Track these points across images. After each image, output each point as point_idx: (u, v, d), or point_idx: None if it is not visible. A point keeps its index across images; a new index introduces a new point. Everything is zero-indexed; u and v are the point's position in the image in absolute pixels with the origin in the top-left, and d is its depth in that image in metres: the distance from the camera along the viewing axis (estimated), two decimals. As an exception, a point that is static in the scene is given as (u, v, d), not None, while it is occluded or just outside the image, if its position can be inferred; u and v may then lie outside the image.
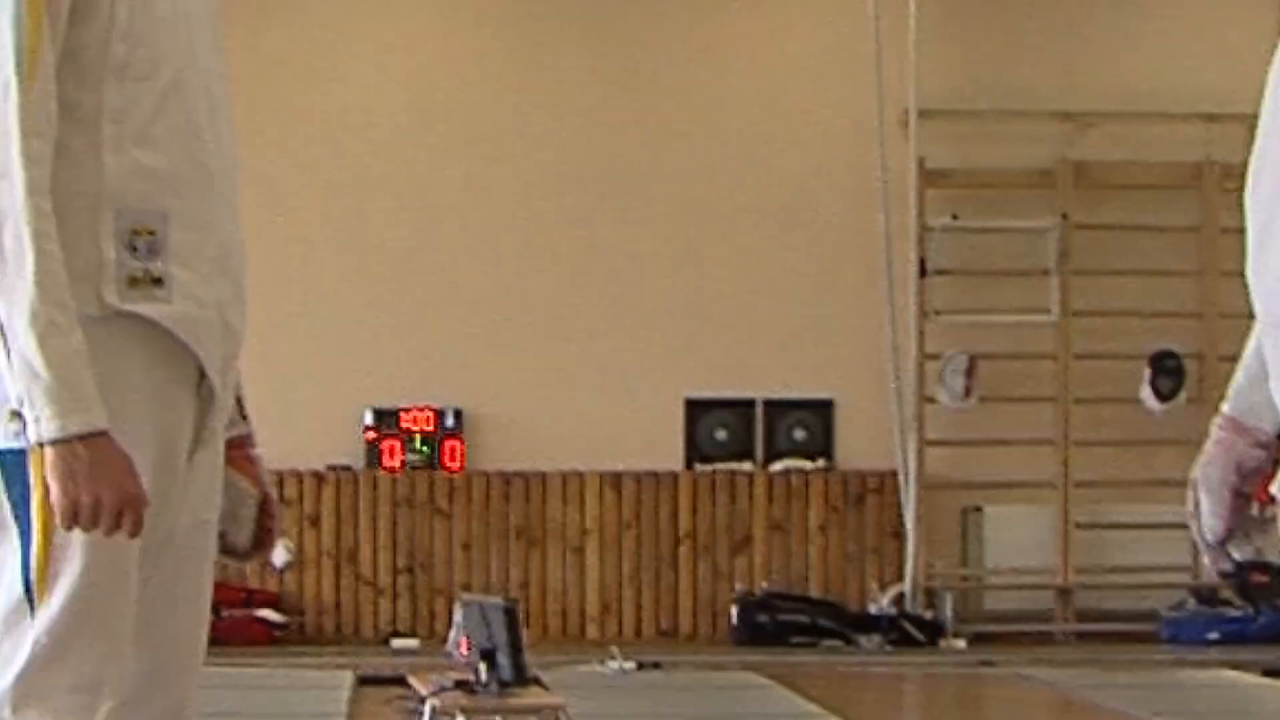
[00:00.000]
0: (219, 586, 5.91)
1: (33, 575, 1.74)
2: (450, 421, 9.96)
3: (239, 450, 1.98)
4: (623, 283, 9.91)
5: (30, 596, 1.74)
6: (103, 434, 1.67)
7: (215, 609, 4.39)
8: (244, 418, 2.03)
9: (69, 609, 1.73)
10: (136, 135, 1.80)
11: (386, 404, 9.87)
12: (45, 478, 1.67)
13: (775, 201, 9.77)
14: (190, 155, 1.85)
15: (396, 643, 9.52)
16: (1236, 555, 1.68)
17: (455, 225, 10.04)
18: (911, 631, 9.02)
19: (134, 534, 1.69)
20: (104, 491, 1.65)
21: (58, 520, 1.68)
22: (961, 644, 9.43)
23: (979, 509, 9.83)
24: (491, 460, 9.94)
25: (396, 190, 10.14)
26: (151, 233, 1.80)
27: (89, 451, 1.66)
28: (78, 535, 1.70)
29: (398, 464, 9.90)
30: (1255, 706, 8.46)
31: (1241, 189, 1.36)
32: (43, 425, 1.64)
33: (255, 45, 9.34)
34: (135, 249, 1.78)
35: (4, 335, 1.69)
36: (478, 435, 9.98)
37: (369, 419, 9.73)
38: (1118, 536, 9.97)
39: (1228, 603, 9.74)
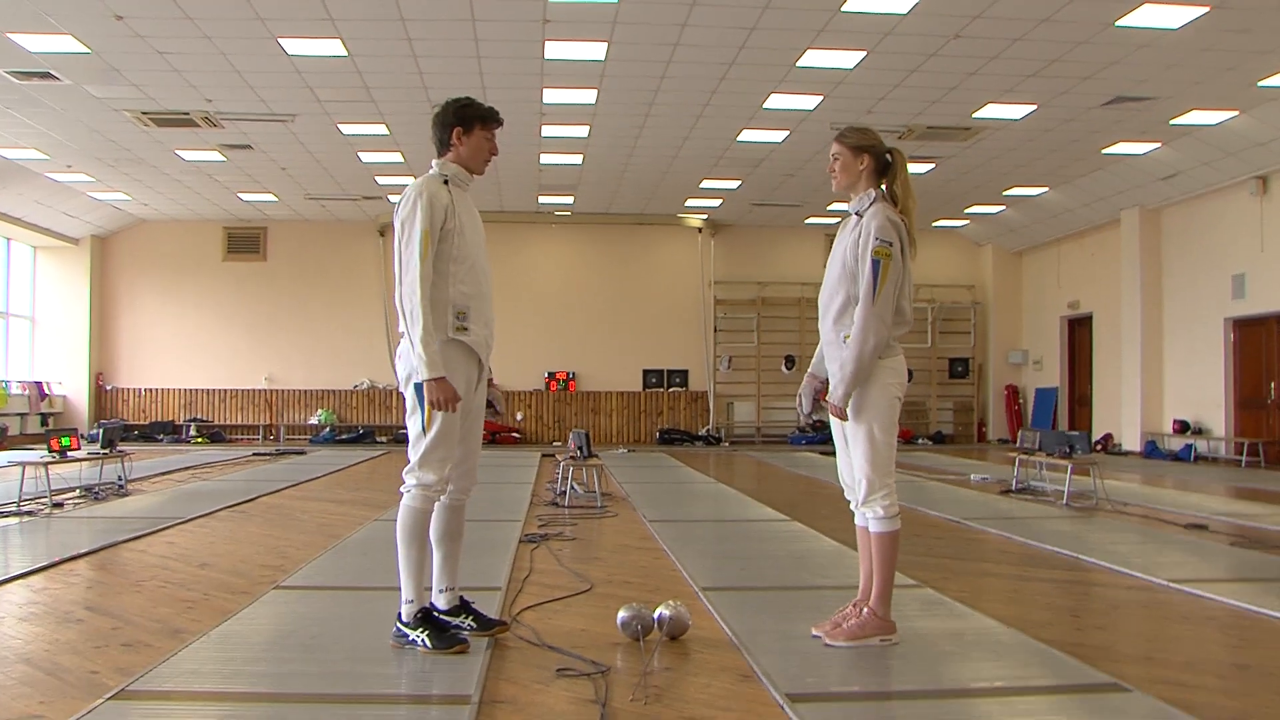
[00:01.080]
0: (498, 428, 23.79)
1: (425, 423, 5.00)
2: (569, 374, 26.99)
3: (491, 379, 5.42)
4: (619, 342, 26.21)
5: (424, 430, 5.00)
6: (443, 378, 4.88)
7: (492, 435, 21.99)
8: (490, 371, 5.30)
9: (437, 435, 5.00)
10: (460, 281, 5.07)
11: (555, 368, 26.95)
12: (426, 394, 4.89)
13: (667, 303, 26.74)
14: (478, 287, 5.13)
15: (556, 444, 24.96)
16: (815, 418, 5.92)
17: (559, 310, 26.05)
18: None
19: (454, 411, 4.94)
20: (442, 395, 4.88)
21: (429, 405, 4.91)
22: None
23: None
24: (581, 388, 27.06)
25: (547, 297, 26.21)
26: (464, 313, 5.06)
27: (439, 384, 4.87)
28: (438, 414, 4.94)
29: (550, 388, 27.00)
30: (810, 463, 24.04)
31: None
32: (423, 374, 4.86)
33: (500, 252, 25.66)
34: (458, 318, 5.06)
35: (413, 344, 4.83)
36: (579, 382, 27.27)
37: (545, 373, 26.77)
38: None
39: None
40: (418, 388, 4.91)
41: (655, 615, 5.17)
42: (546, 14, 12.39)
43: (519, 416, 25.82)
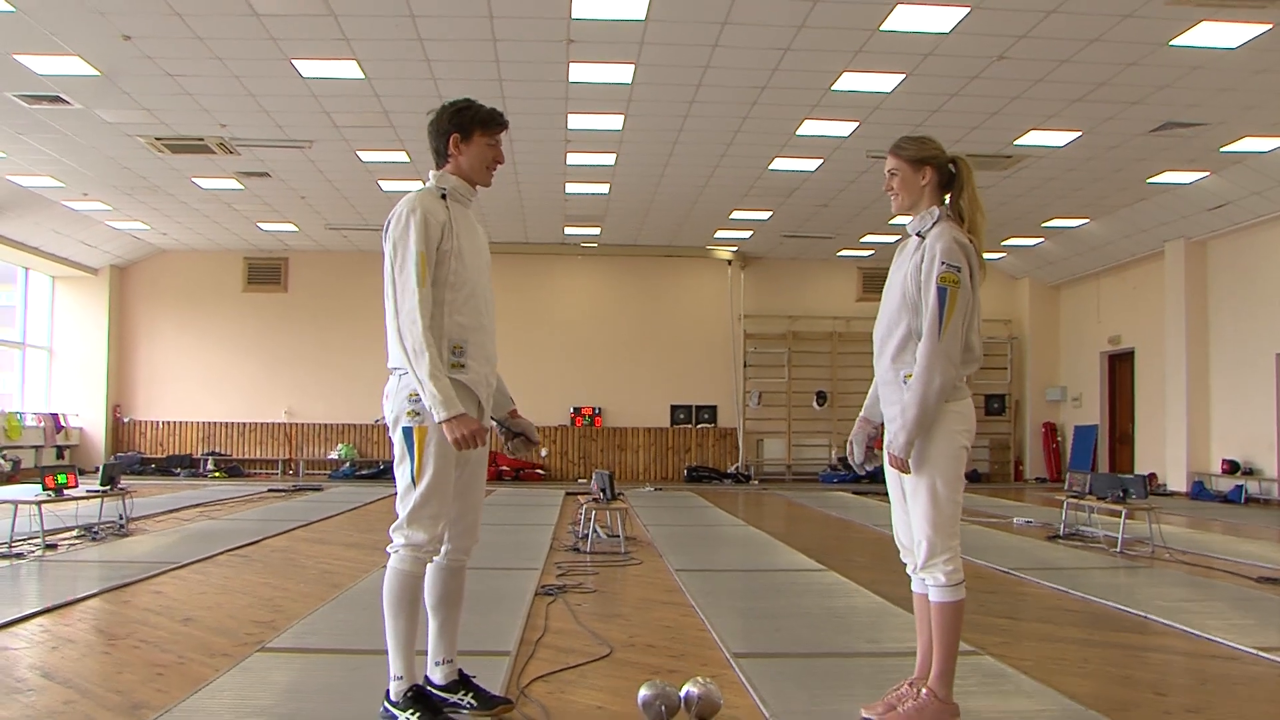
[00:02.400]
0: (522, 464, 23.21)
1: (415, 474, 4.28)
2: (595, 409, 26.38)
3: (515, 413, 4.83)
4: (646, 377, 25.42)
5: (414, 482, 4.28)
6: (464, 414, 4.18)
7: (516, 472, 21.44)
8: (512, 401, 4.78)
9: (429, 488, 4.27)
10: (457, 311, 4.35)
11: (581, 403, 26.14)
12: (428, 436, 4.26)
13: (695, 337, 25.89)
14: (478, 319, 4.42)
15: (580, 481, 24.70)
16: (869, 468, 4.79)
17: (584, 345, 25.31)
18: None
19: (481, 445, 4.28)
20: (465, 431, 4.18)
21: (451, 443, 4.18)
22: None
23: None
24: (608, 424, 26.32)
25: (572, 331, 25.51)
26: (461, 347, 4.35)
27: (459, 420, 4.15)
28: (429, 459, 4.22)
29: (576, 424, 26.19)
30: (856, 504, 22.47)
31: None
32: (440, 414, 4.14)
33: (525, 284, 25.40)
34: (455, 353, 4.34)
35: (420, 383, 4.16)
36: (606, 417, 26.50)
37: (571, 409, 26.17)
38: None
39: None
40: (406, 432, 4.32)
41: (682, 694, 4.52)
42: (570, 34, 11.83)
43: (543, 453, 25.20)
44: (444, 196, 4.51)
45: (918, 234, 4.52)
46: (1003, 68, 12.71)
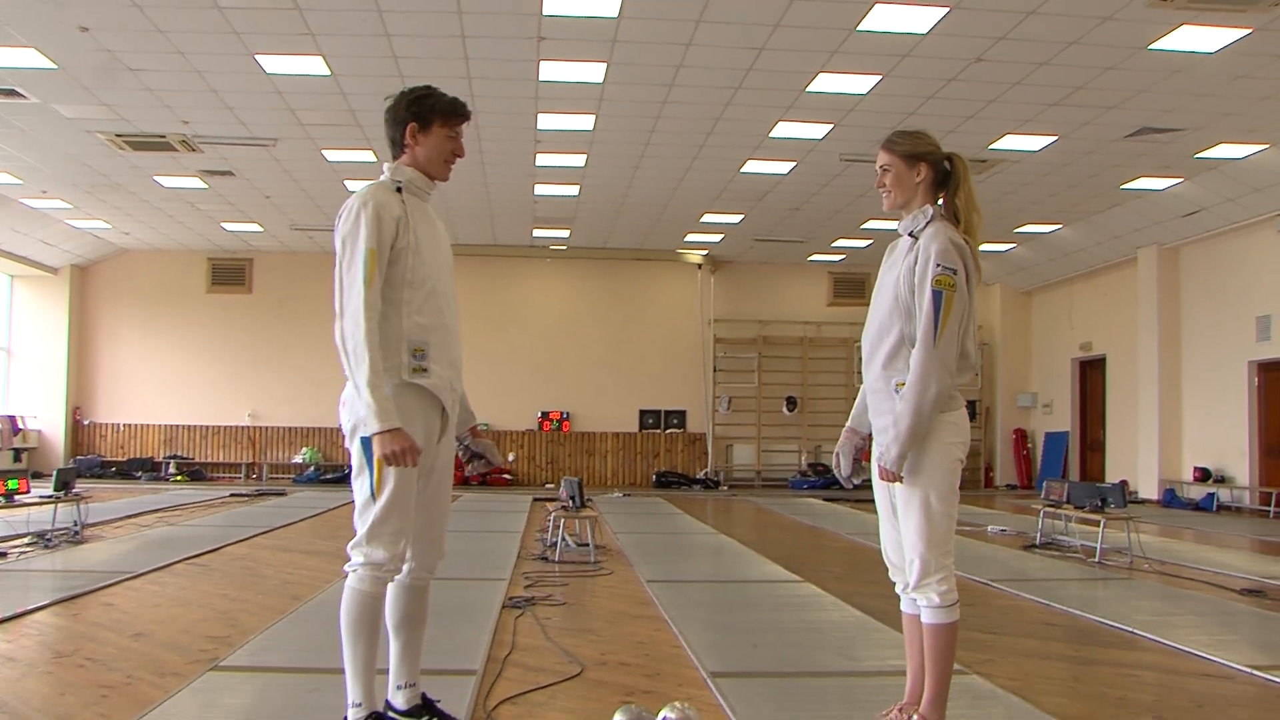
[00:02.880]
0: (492, 469, 22.91)
1: (374, 488, 3.92)
2: (563, 414, 25.86)
3: (476, 428, 4.52)
4: (615, 381, 25.08)
5: (373, 496, 3.92)
6: (398, 429, 3.83)
7: (483, 478, 21.06)
8: (474, 417, 4.52)
9: (389, 502, 3.92)
10: (416, 311, 4.05)
11: (549, 407, 25.96)
12: (377, 448, 3.81)
13: (664, 341, 25.52)
14: (439, 319, 4.13)
15: (548, 486, 24.10)
16: (856, 482, 4.55)
17: (552, 349, 25.00)
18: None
19: (413, 465, 3.87)
20: (396, 447, 3.81)
21: (382, 459, 3.83)
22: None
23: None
24: (576, 428, 25.85)
25: (541, 335, 25.18)
26: (422, 350, 4.04)
27: (391, 434, 3.81)
28: (390, 471, 3.88)
29: (544, 428, 25.92)
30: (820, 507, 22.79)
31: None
32: (373, 426, 3.78)
33: (493, 287, 25.12)
34: (415, 356, 4.03)
35: (358, 389, 3.83)
36: (574, 422, 25.76)
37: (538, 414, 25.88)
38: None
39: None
40: (365, 442, 3.99)
41: (660, 719, 4.26)
42: (541, 31, 11.58)
43: (510, 458, 24.90)
44: (399, 190, 4.23)
45: (910, 234, 4.29)
46: (980, 70, 12.53)
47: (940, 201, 4.35)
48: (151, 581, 8.54)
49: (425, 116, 4.26)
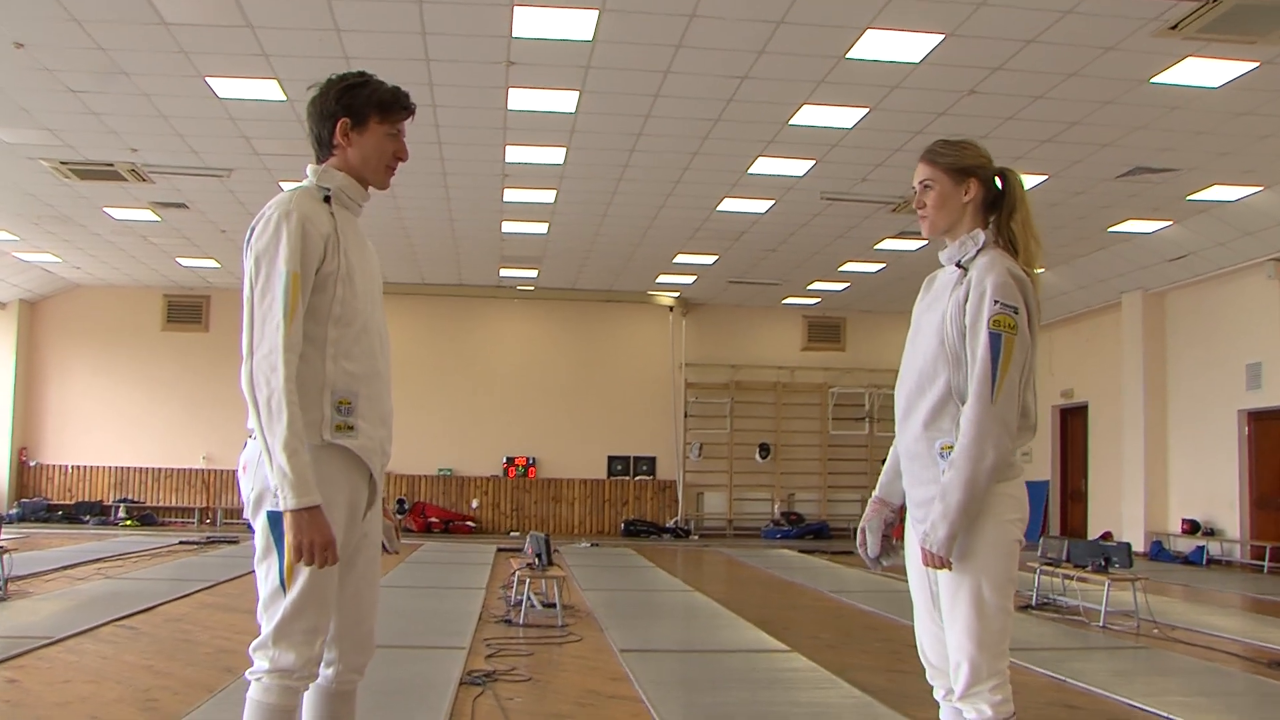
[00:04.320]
0: (451, 515, 22.03)
1: (284, 576, 3.11)
2: (529, 460, 25.08)
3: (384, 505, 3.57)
4: (583, 426, 24.22)
5: (283, 586, 3.11)
6: (317, 507, 3.00)
7: (446, 525, 20.20)
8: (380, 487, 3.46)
9: (302, 595, 3.11)
10: (344, 354, 3.25)
11: (514, 453, 24.98)
12: (288, 533, 2.98)
13: (634, 386, 24.82)
14: (371, 364, 3.33)
15: (513, 534, 23.22)
16: (885, 564, 3.54)
17: (518, 392, 24.09)
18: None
19: (331, 563, 3.05)
20: (314, 538, 2.98)
21: (289, 552, 2.99)
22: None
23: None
24: (542, 474, 24.86)
25: (507, 378, 24.29)
26: (349, 403, 3.22)
27: (309, 516, 2.98)
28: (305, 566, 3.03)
29: (509, 475, 24.60)
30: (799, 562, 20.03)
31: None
32: (288, 501, 2.94)
33: (458, 329, 24.37)
34: (340, 411, 3.21)
35: (269, 453, 2.99)
36: (540, 468, 24.82)
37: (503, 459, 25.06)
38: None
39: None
40: (273, 518, 3.16)
41: None
42: (511, 55, 10.88)
43: (474, 505, 24.05)
44: (327, 199, 3.43)
45: (957, 264, 3.56)
46: (972, 103, 11.91)
47: (991, 225, 3.62)
48: (70, 649, 7.67)
49: (360, 110, 3.45)
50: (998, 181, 3.61)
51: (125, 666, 7.14)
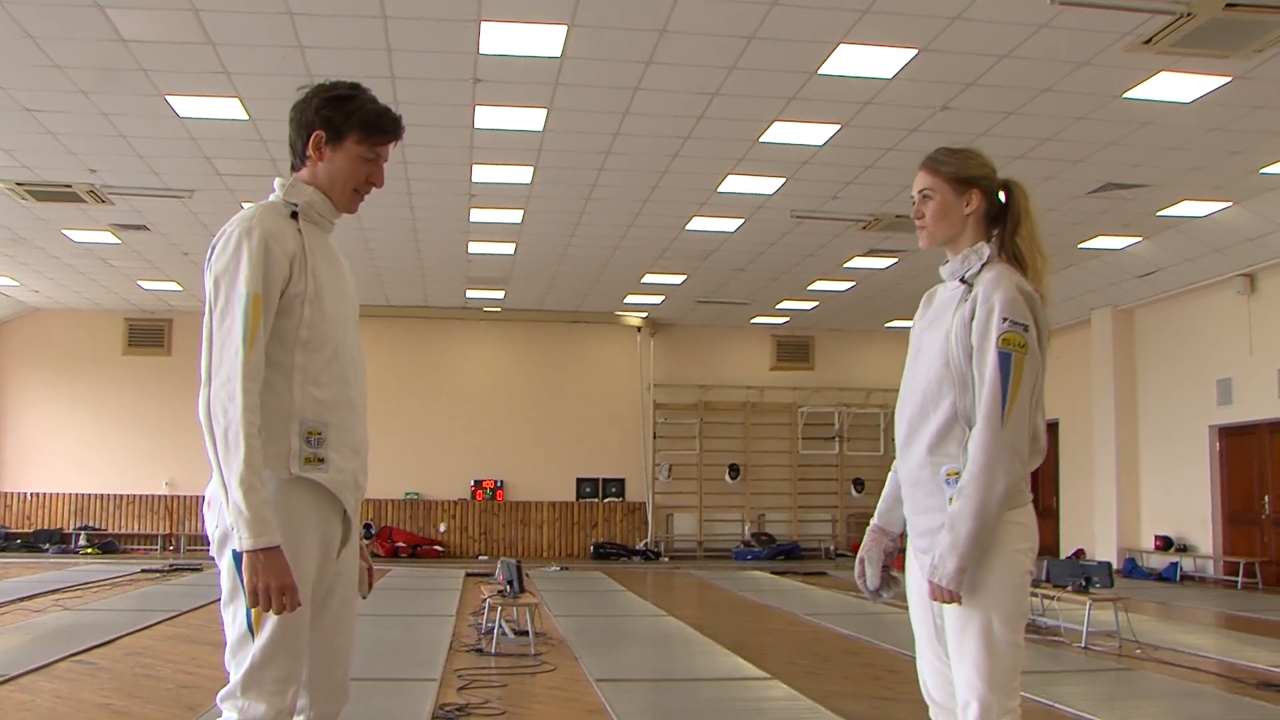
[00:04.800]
0: (418, 540, 21.73)
1: (252, 620, 2.89)
2: (497, 483, 24.52)
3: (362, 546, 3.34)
4: (551, 449, 23.93)
5: (251, 631, 2.90)
6: (276, 548, 2.77)
7: (414, 549, 19.95)
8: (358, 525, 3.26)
9: (270, 639, 2.89)
10: (312, 380, 3.03)
11: (482, 476, 24.80)
12: (246, 576, 2.77)
13: (602, 407, 24.61)
14: (343, 392, 3.10)
15: (481, 558, 23.21)
16: (885, 596, 3.41)
17: (485, 415, 23.83)
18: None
19: (290, 609, 2.80)
20: (271, 581, 2.76)
21: (246, 590, 2.78)
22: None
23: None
24: (510, 497, 24.85)
25: (474, 400, 24.08)
26: (319, 434, 2.99)
27: (266, 558, 2.76)
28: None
29: (477, 498, 24.58)
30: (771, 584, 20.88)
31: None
32: (244, 541, 2.73)
33: (423, 350, 24.08)
34: (309, 442, 2.99)
35: (225, 489, 2.80)
36: (508, 491, 24.38)
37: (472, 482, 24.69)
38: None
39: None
40: (237, 559, 2.91)
41: None
42: (478, 72, 10.69)
43: (442, 529, 23.74)
44: (294, 215, 3.21)
45: (962, 280, 3.38)
46: (944, 119, 11.81)
47: (996, 239, 3.45)
48: (23, 688, 7.38)
49: (339, 126, 3.24)
50: (1001, 195, 3.43)
51: (81, 706, 6.85)
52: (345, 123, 3.22)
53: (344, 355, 3.17)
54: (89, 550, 21.93)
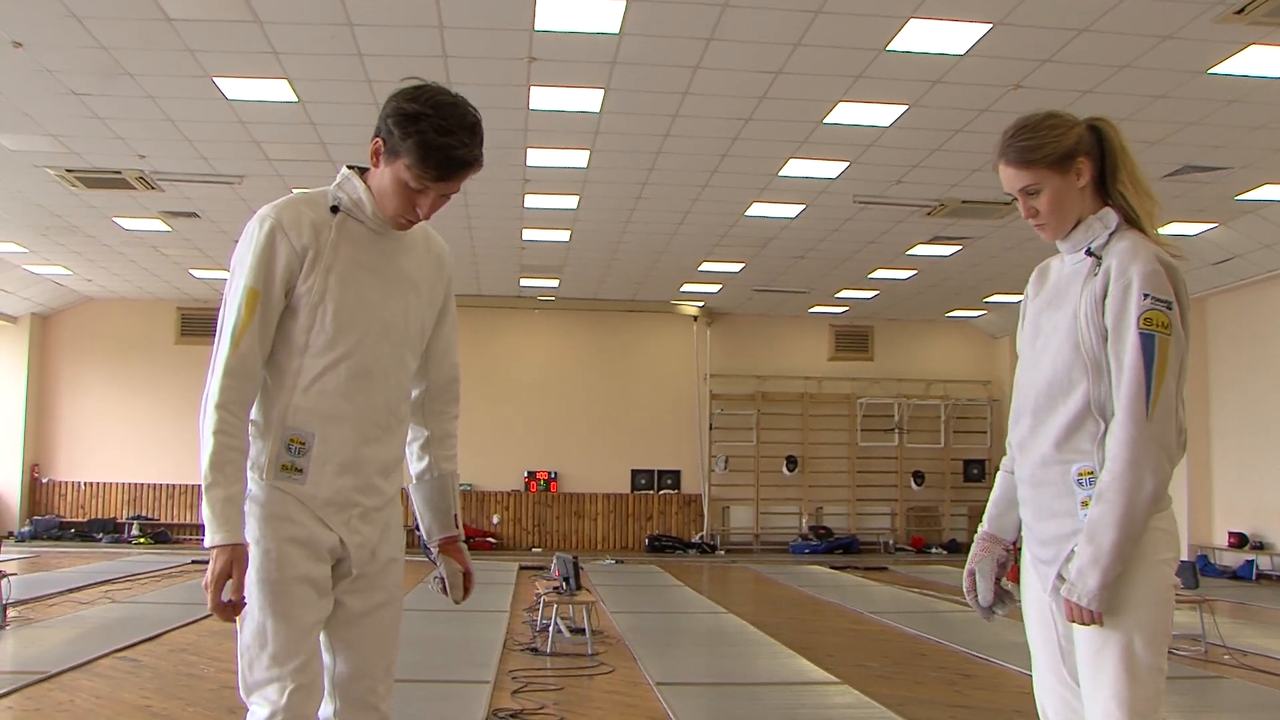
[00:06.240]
0: (473, 532, 21.39)
1: (240, 621, 2.76)
2: (551, 474, 24.08)
3: (451, 544, 3.20)
4: (605, 440, 23.69)
5: (240, 631, 2.78)
6: (234, 545, 2.64)
7: (466, 542, 19.42)
8: (457, 526, 3.19)
9: (251, 639, 2.77)
10: (304, 388, 2.82)
11: (535, 467, 24.09)
12: (255, 556, 2.71)
13: (658, 398, 24.17)
14: (342, 406, 2.84)
15: (535, 551, 22.99)
16: (1000, 613, 3.00)
17: (539, 405, 23.56)
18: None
19: (234, 607, 2.66)
20: (224, 575, 2.63)
21: (206, 586, 2.64)
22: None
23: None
24: (564, 489, 24.59)
25: (528, 390, 23.71)
26: (300, 442, 2.80)
27: (220, 555, 2.63)
28: (258, 589, 2.72)
29: (530, 489, 24.09)
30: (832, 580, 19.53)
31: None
32: (208, 537, 2.65)
33: (476, 340, 23.17)
34: (289, 449, 2.80)
35: (202, 483, 2.69)
36: (562, 482, 24.08)
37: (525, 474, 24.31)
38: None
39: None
40: None
41: None
42: (533, 50, 10.33)
43: (495, 520, 23.48)
44: (335, 209, 2.93)
45: (1089, 252, 2.95)
46: (1017, 99, 11.30)
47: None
48: (63, 686, 7.11)
49: (395, 144, 2.85)
50: (1100, 141, 3.02)
51: (121, 708, 6.57)
52: (402, 144, 2.83)
53: (360, 369, 2.90)
54: (141, 540, 21.88)
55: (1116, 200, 2.98)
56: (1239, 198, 14.76)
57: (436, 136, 2.81)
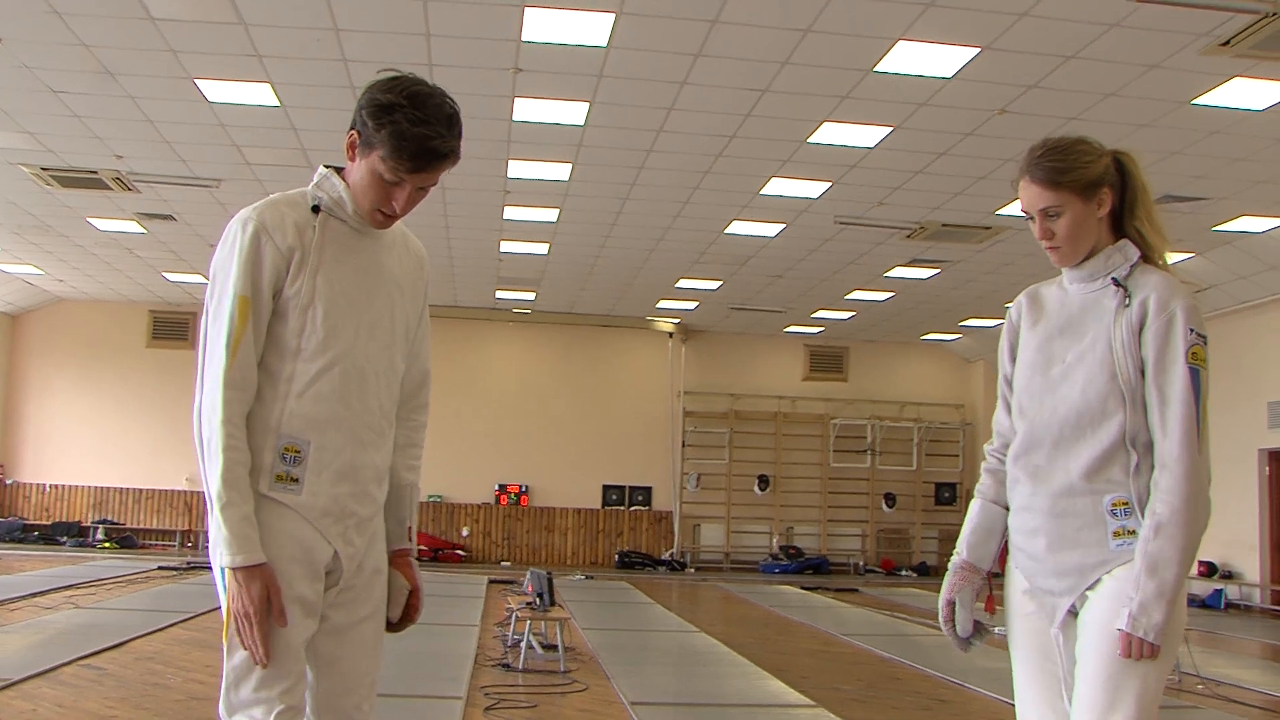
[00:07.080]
0: (441, 544, 21.29)
1: (222, 639, 2.68)
2: (522, 488, 23.80)
3: (401, 557, 3.00)
4: (577, 454, 23.51)
5: (227, 649, 2.66)
6: (258, 565, 2.58)
7: (435, 553, 19.53)
8: (409, 539, 3.01)
9: (245, 659, 2.65)
10: (298, 394, 2.72)
11: (506, 480, 24.16)
12: (227, 593, 2.61)
13: (631, 413, 24.19)
14: (337, 409, 2.75)
15: (504, 564, 23.12)
16: (978, 644, 3.00)
17: (512, 418, 23.50)
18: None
19: (280, 623, 2.60)
20: (252, 601, 2.56)
21: (230, 613, 2.60)
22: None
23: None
24: (535, 503, 24.13)
25: (500, 403, 23.68)
26: (296, 451, 2.71)
27: (245, 575, 2.56)
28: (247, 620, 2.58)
29: (501, 502, 23.89)
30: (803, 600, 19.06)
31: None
32: (223, 558, 2.58)
33: (450, 351, 23.22)
34: (284, 459, 2.70)
35: (207, 501, 2.61)
36: (532, 496, 23.93)
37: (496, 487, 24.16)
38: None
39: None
40: (223, 574, 2.67)
41: None
42: (519, 61, 10.26)
43: (464, 533, 23.33)
44: (317, 209, 2.84)
45: (1115, 281, 2.92)
46: (1002, 124, 11.33)
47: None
48: (25, 695, 6.95)
49: (369, 135, 2.75)
50: (1121, 177, 3.01)
51: (84, 716, 6.41)
52: (376, 135, 2.73)
53: (354, 371, 2.81)
54: (106, 545, 21.66)
55: (1132, 235, 2.97)
56: (1216, 228, 14.83)
57: (411, 127, 2.71)
